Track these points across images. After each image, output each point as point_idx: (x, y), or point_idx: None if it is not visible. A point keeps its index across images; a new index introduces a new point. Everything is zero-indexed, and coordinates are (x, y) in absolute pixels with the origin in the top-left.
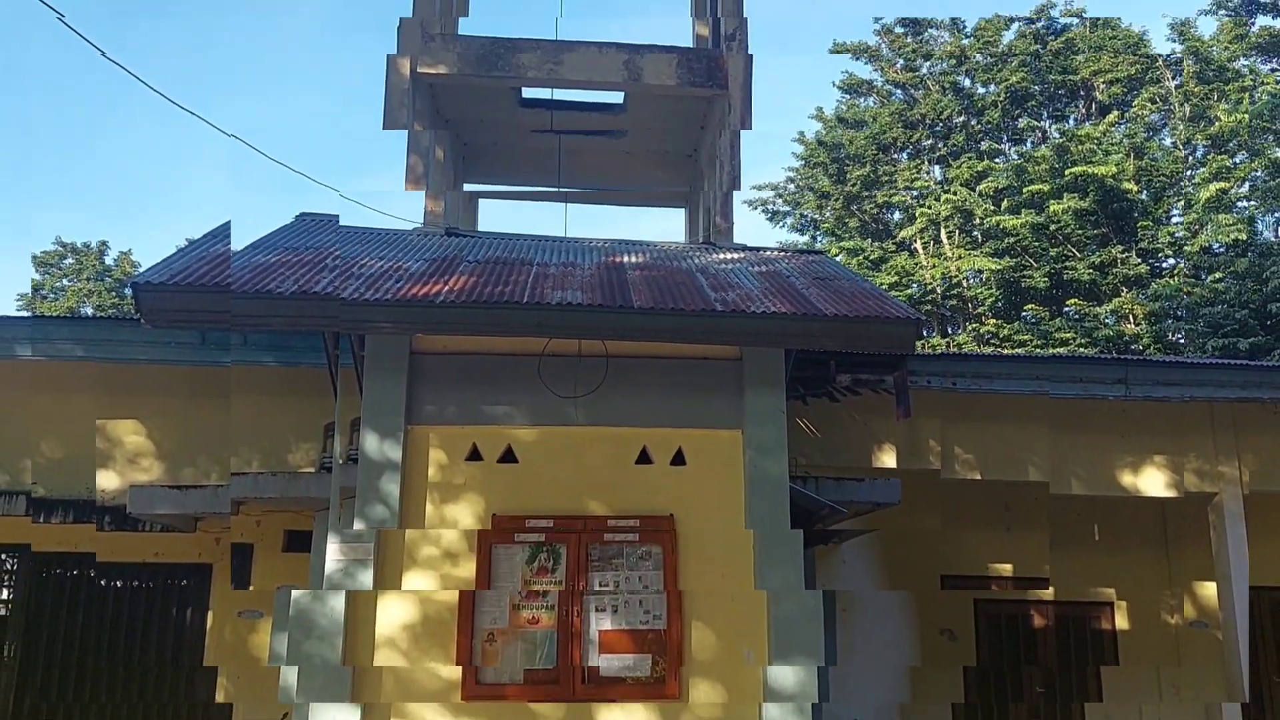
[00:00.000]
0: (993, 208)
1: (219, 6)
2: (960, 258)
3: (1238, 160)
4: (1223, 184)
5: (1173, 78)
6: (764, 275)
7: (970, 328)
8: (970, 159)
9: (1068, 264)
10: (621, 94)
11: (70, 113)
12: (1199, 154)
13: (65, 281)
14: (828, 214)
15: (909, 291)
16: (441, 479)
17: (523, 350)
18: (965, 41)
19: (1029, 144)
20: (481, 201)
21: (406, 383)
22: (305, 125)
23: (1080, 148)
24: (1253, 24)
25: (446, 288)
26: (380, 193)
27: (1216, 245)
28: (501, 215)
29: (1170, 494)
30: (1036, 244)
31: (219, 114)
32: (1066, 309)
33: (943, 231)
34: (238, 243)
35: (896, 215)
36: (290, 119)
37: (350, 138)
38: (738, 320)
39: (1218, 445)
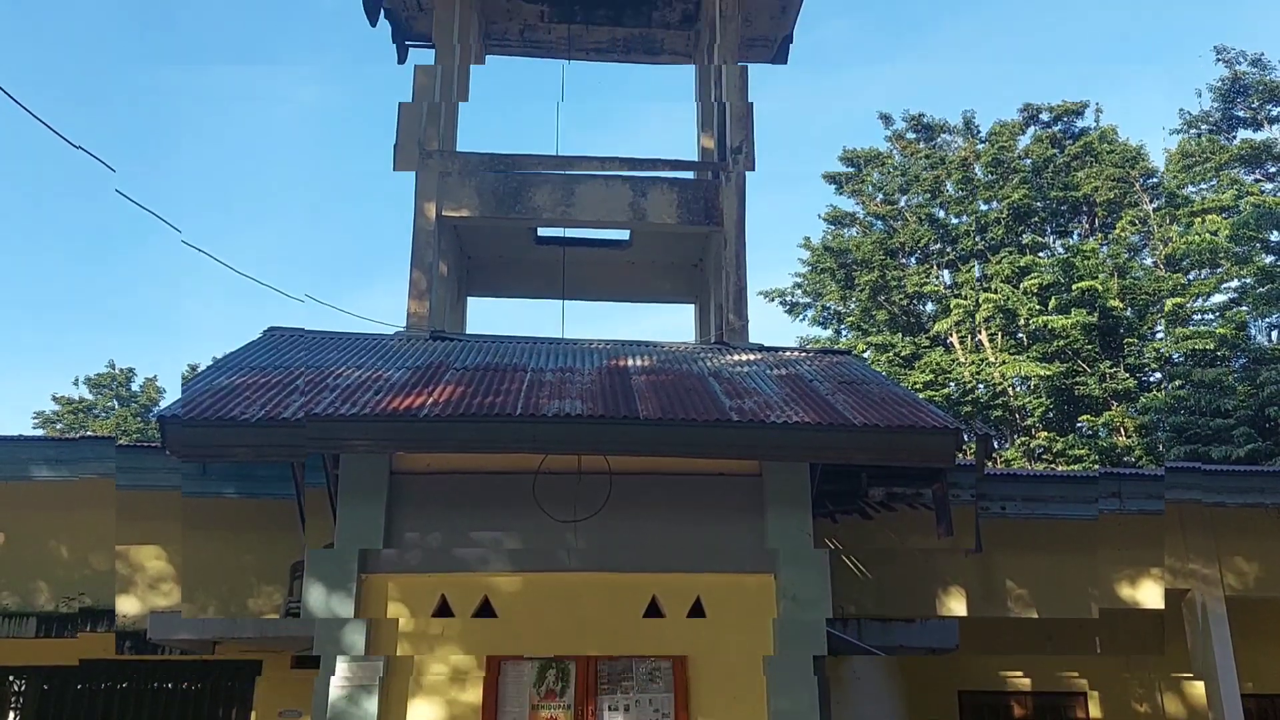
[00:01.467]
0: (1039, 306)
1: (213, 137)
2: (1004, 362)
3: (1192, 278)
4: (1178, 299)
5: (1150, 200)
6: (784, 379)
7: (1020, 441)
8: (1010, 253)
9: (1078, 379)
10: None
11: (78, 239)
12: (1191, 276)
13: (91, 406)
14: (852, 306)
15: (945, 391)
16: (415, 630)
17: (516, 468)
18: (980, 146)
19: (1046, 252)
20: (470, 299)
21: (386, 507)
22: (306, 232)
23: (1086, 263)
24: (1233, 137)
25: (430, 399)
26: (374, 298)
27: (1177, 356)
28: (493, 314)
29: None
30: (1089, 346)
31: (195, 217)
32: (1079, 425)
33: (984, 334)
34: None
35: (929, 307)
36: (289, 226)
37: (349, 241)
38: (756, 431)
39: (1189, 546)
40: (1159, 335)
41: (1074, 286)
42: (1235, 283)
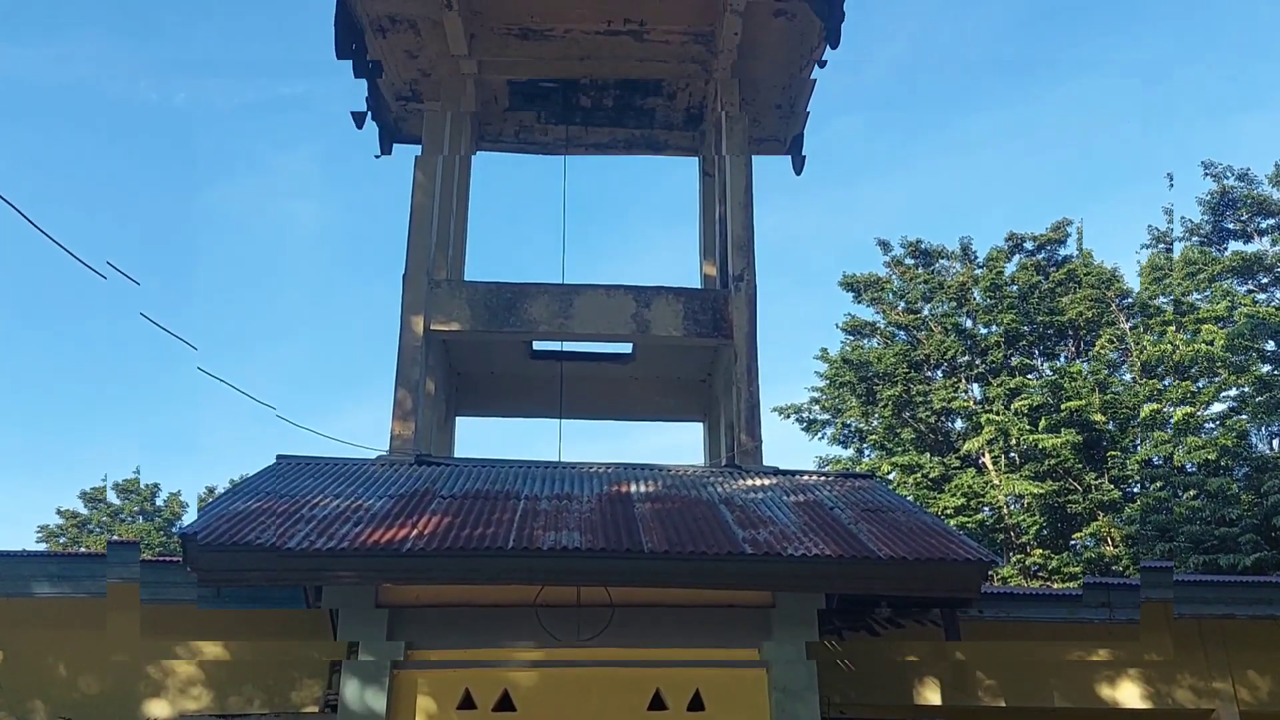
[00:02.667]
0: (1029, 427)
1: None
2: (999, 483)
3: (1200, 385)
4: (1189, 408)
5: (1126, 320)
6: (802, 506)
7: (1015, 559)
8: (1005, 377)
9: (1070, 497)
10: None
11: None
12: (1166, 382)
13: (107, 518)
14: (875, 423)
15: (979, 516)
16: None
17: (515, 600)
18: (978, 271)
19: (1034, 374)
20: (460, 418)
21: (387, 625)
22: (314, 341)
23: (1072, 384)
24: (1224, 249)
25: (415, 531)
26: (373, 410)
27: (1190, 466)
28: (483, 434)
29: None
30: (1079, 465)
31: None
32: (1074, 543)
33: (987, 456)
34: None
35: (958, 424)
36: (298, 339)
37: (354, 350)
38: (772, 565)
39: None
40: (1139, 446)
41: (1062, 406)
42: (1234, 391)
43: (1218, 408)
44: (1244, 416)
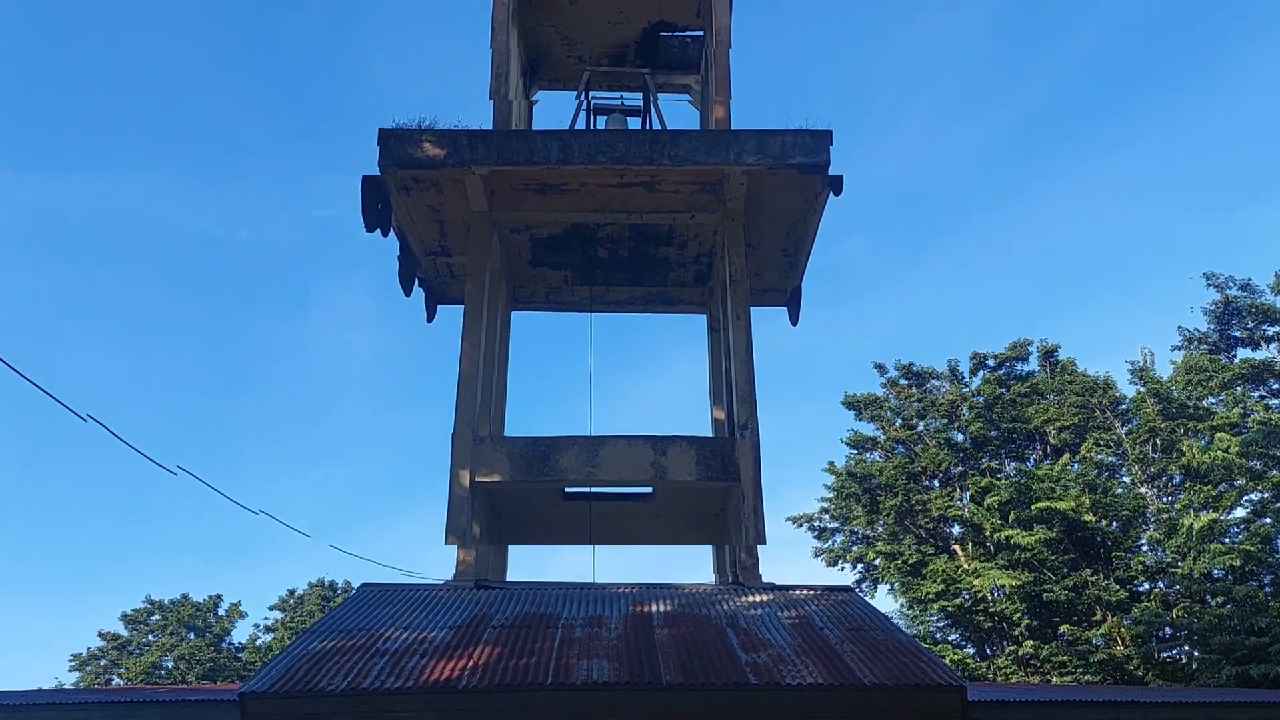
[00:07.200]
0: (1000, 521)
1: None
2: (978, 573)
3: (1221, 489)
4: (1213, 515)
5: (1121, 425)
6: (796, 626)
7: (1009, 650)
8: (974, 476)
9: (1045, 587)
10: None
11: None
12: (1175, 482)
13: (151, 637)
14: (880, 529)
15: (958, 601)
16: None
17: None
18: (965, 390)
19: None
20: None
21: None
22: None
23: (1040, 485)
24: (1233, 357)
25: (470, 663)
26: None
27: (1218, 572)
28: (534, 549)
29: None
30: (1054, 558)
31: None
32: (1060, 634)
33: (957, 546)
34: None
35: (956, 529)
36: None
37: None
38: (773, 694)
39: None
40: (1143, 547)
41: (1033, 506)
42: (1255, 495)
43: (1239, 513)
44: (1268, 520)
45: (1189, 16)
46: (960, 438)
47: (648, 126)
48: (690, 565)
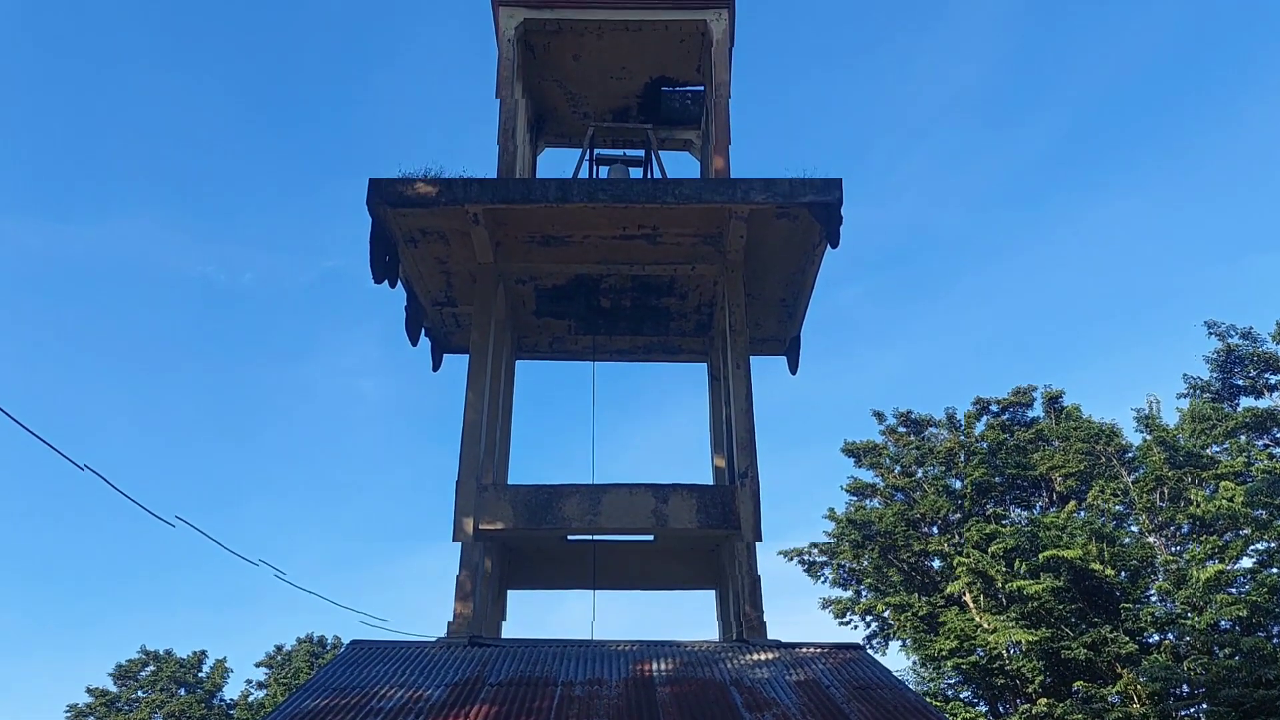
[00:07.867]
0: (1006, 569)
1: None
2: (994, 629)
3: (1226, 538)
4: (1220, 565)
5: (1129, 473)
6: (801, 686)
7: (1023, 709)
8: (977, 521)
9: (1064, 644)
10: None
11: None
12: (1184, 531)
13: (140, 693)
14: (865, 563)
15: (973, 658)
16: None
17: None
18: (963, 438)
19: (1007, 521)
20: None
21: None
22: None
23: (1047, 534)
24: (1236, 405)
25: None
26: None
27: (1225, 623)
28: (532, 596)
29: None
30: (1061, 608)
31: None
32: (1075, 690)
33: (969, 598)
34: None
35: (936, 564)
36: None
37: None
38: None
39: None
40: (1152, 598)
41: (1040, 555)
42: (1261, 545)
43: (1246, 563)
44: (1275, 570)
45: (1189, 65)
46: (959, 484)
47: (649, 176)
48: (694, 613)
